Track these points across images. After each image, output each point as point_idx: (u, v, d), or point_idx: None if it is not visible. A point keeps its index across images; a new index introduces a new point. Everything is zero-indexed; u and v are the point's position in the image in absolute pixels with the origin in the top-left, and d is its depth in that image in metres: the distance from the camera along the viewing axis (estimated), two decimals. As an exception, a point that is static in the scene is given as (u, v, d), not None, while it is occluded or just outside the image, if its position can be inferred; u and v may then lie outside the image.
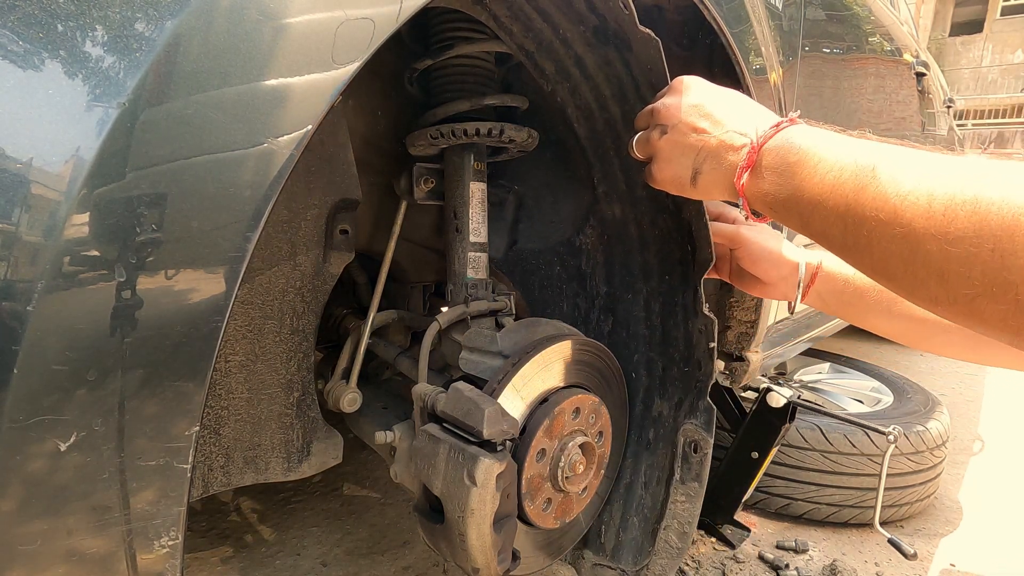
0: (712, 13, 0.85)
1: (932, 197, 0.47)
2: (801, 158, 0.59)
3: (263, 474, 0.90)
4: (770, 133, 0.62)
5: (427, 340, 0.93)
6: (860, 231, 0.53)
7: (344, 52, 0.45)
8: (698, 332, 0.95)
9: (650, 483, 1.04)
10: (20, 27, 0.36)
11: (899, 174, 0.51)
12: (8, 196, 0.35)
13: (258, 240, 0.81)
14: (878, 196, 0.51)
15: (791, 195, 0.60)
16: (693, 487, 0.96)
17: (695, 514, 0.96)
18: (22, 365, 0.35)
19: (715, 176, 0.68)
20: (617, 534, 1.07)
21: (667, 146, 0.72)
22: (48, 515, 0.38)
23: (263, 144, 0.42)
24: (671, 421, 1.00)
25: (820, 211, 0.57)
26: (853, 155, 0.55)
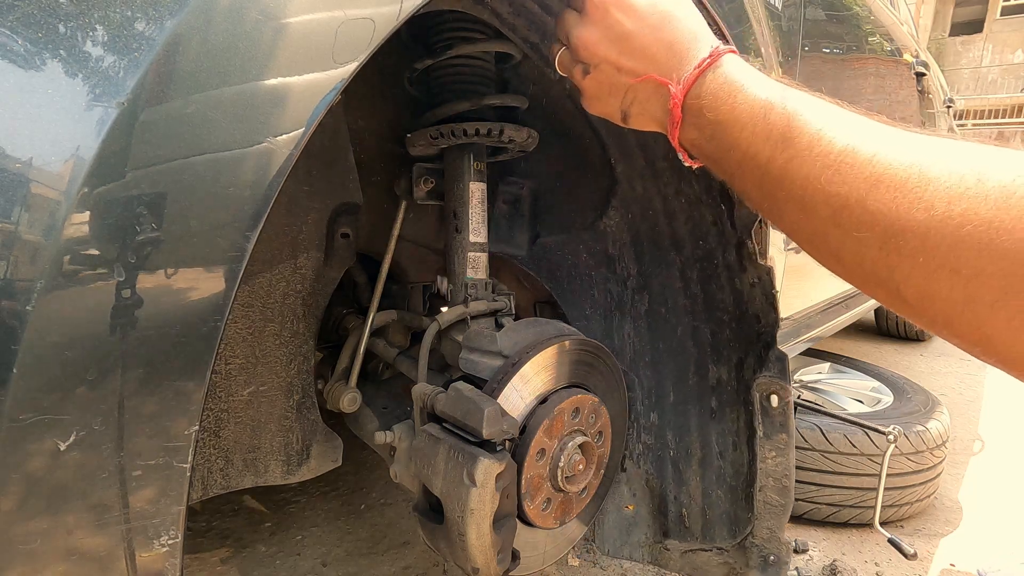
0: (711, 13, 0.85)
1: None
2: (726, 113, 0.55)
3: (262, 477, 0.89)
4: (694, 75, 0.57)
5: (427, 340, 0.93)
6: (776, 196, 0.53)
7: (344, 52, 0.45)
8: (750, 286, 0.91)
9: (726, 451, 1.00)
10: (20, 27, 0.36)
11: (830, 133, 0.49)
12: (8, 195, 0.35)
13: (260, 243, 0.81)
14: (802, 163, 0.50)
15: (719, 147, 0.57)
16: (782, 439, 0.92)
17: (790, 466, 0.92)
18: (22, 364, 0.35)
19: (644, 118, 0.65)
20: (703, 513, 1.03)
21: (592, 85, 0.66)
22: (48, 514, 0.38)
23: (263, 143, 0.42)
24: (735, 383, 0.97)
25: (745, 169, 0.55)
26: (781, 103, 0.53)
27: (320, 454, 0.95)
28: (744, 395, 0.95)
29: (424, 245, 1.22)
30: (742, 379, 0.96)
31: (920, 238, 0.43)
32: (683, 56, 0.59)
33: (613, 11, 0.61)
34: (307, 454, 0.94)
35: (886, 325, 4.01)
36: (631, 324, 1.10)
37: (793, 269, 1.42)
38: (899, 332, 3.96)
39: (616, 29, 0.61)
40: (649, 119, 0.64)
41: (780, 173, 0.51)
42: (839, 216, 0.47)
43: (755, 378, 0.92)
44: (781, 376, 0.90)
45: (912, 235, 0.43)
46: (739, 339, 0.96)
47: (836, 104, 0.53)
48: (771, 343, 0.90)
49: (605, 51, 0.63)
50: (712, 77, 0.57)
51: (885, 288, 0.47)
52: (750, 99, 0.54)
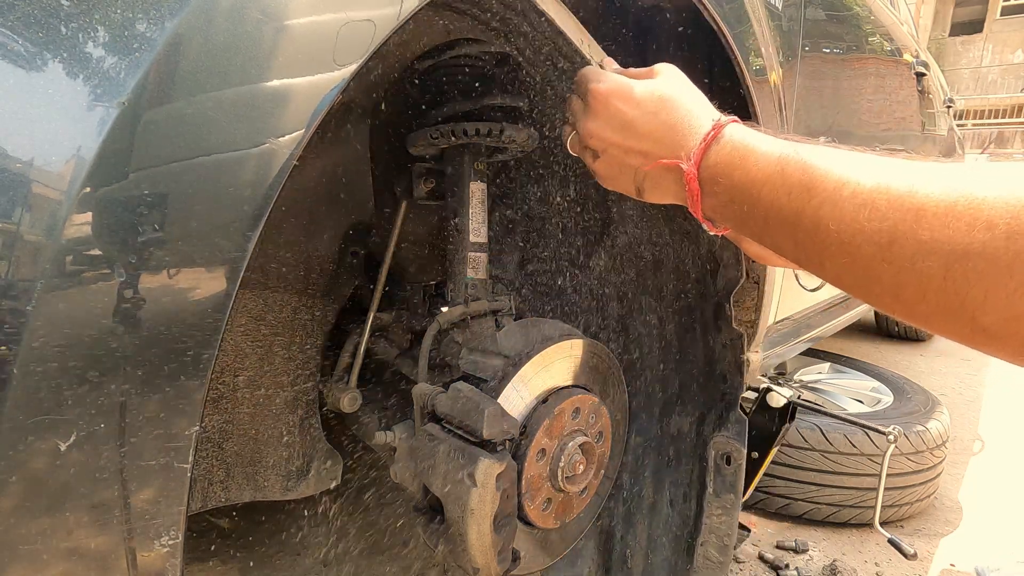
0: (712, 13, 0.85)
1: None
2: (740, 177, 0.57)
3: (261, 492, 0.90)
4: (701, 149, 0.60)
5: (427, 340, 0.93)
6: (812, 245, 0.52)
7: (345, 53, 0.45)
8: (721, 347, 0.95)
9: (676, 501, 1.02)
10: (20, 27, 0.36)
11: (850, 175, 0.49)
12: (8, 195, 0.35)
13: (275, 258, 0.82)
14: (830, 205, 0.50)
15: (740, 211, 0.58)
16: (729, 499, 0.95)
17: (734, 526, 0.95)
18: (22, 364, 0.35)
19: (658, 193, 0.67)
20: (646, 556, 1.05)
21: (604, 168, 0.70)
22: (49, 514, 0.38)
23: (263, 144, 0.42)
24: (693, 436, 0.99)
25: (772, 224, 0.55)
26: (795, 159, 0.54)
27: (320, 471, 0.95)
28: (701, 450, 0.98)
29: (424, 245, 1.22)
30: (701, 434, 0.98)
31: (988, 259, 0.40)
32: (687, 133, 0.61)
33: (614, 102, 0.65)
34: (307, 470, 0.94)
35: (886, 325, 4.01)
36: None
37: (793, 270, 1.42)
38: (899, 332, 3.95)
39: (619, 118, 0.65)
40: (664, 193, 0.67)
41: (812, 222, 0.51)
42: (889, 252, 0.46)
43: (713, 436, 0.95)
44: (738, 438, 0.93)
45: (978, 257, 0.41)
46: (704, 395, 0.99)
47: (849, 150, 0.53)
48: (733, 405, 0.94)
49: (611, 138, 0.66)
50: (720, 147, 0.59)
51: (958, 319, 0.44)
52: (763, 158, 0.55)
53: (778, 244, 0.57)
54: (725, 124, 0.60)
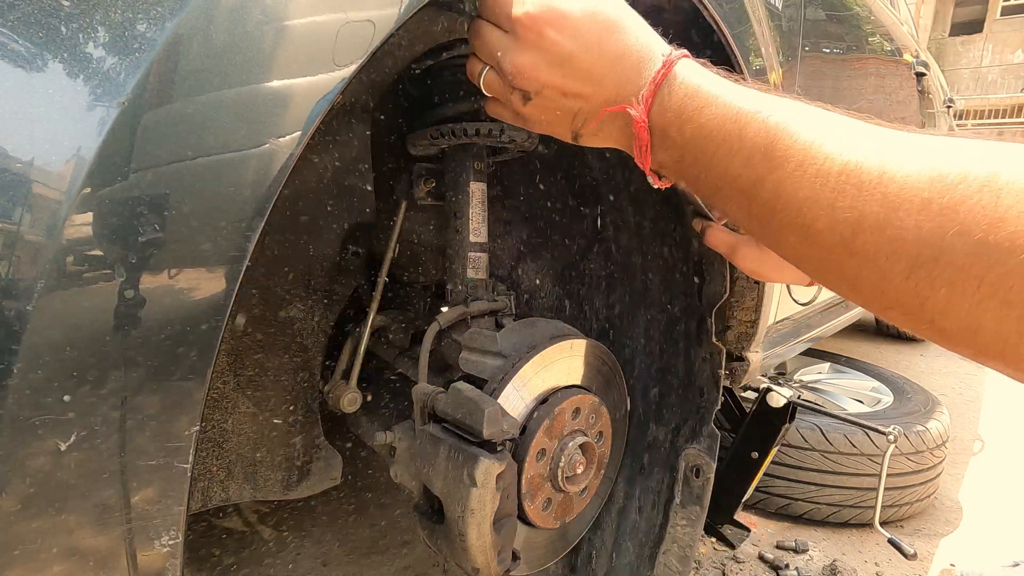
0: (712, 13, 0.85)
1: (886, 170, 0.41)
2: (693, 131, 0.49)
3: (261, 491, 0.90)
4: (650, 91, 0.50)
5: (427, 340, 0.93)
6: (769, 221, 0.46)
7: (344, 54, 0.45)
8: (701, 360, 0.95)
9: (645, 507, 1.03)
10: (20, 26, 0.36)
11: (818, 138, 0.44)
12: (8, 195, 0.35)
13: (278, 257, 0.82)
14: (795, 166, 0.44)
15: (690, 170, 0.51)
16: (694, 511, 0.95)
17: (696, 538, 0.95)
18: (22, 364, 0.35)
19: (599, 138, 0.58)
20: (610, 559, 1.05)
21: (535, 112, 0.58)
22: (49, 514, 0.38)
23: (263, 144, 0.42)
24: (668, 446, 1.00)
25: (725, 190, 0.49)
26: (757, 111, 0.47)
27: (320, 471, 0.95)
28: (673, 460, 0.98)
29: (424, 245, 1.22)
30: (675, 444, 0.99)
31: (957, 267, 0.37)
32: (635, 68, 0.52)
33: (548, 31, 0.52)
34: (307, 470, 0.94)
35: (886, 325, 4.01)
36: None
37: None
38: (899, 332, 3.96)
39: (554, 51, 0.53)
40: (606, 139, 0.58)
41: (771, 196, 0.45)
42: (852, 243, 0.42)
43: (686, 447, 0.96)
44: (708, 452, 0.93)
45: (947, 264, 0.37)
46: (681, 406, 0.99)
47: (823, 108, 0.47)
48: (707, 419, 0.93)
49: (547, 77, 0.54)
50: (671, 90, 0.50)
51: (914, 318, 0.41)
52: (720, 112, 0.48)
53: (730, 212, 0.51)
54: (676, 59, 0.51)
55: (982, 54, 16.74)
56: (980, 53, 16.77)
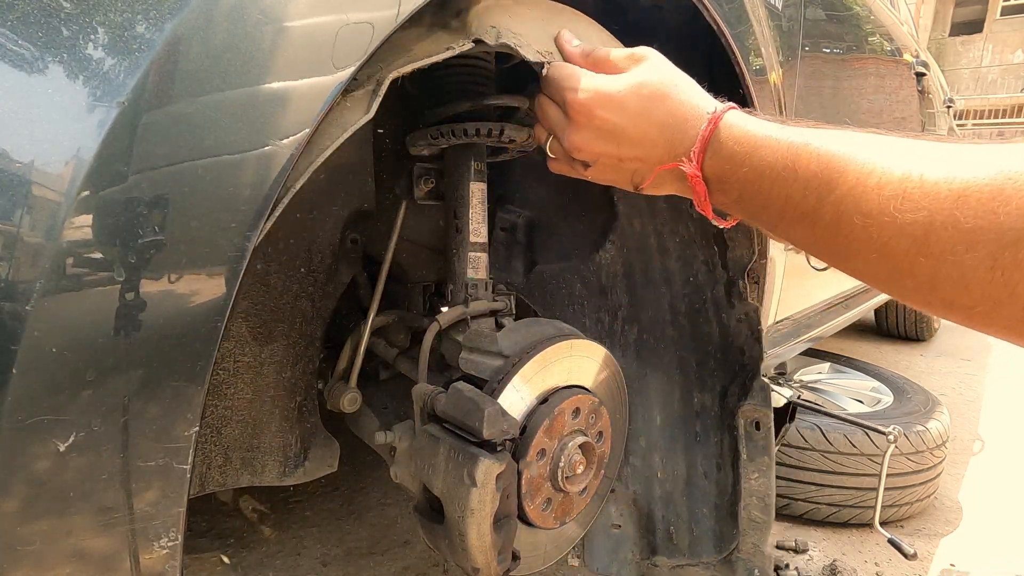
0: (712, 13, 0.85)
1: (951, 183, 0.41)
2: (748, 172, 0.53)
3: (259, 477, 0.90)
4: (700, 146, 0.55)
5: (427, 340, 0.93)
6: (835, 241, 0.48)
7: (343, 55, 0.45)
8: (736, 321, 0.98)
9: (710, 472, 1.06)
10: (19, 27, 0.36)
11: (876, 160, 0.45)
12: (8, 196, 0.35)
13: (278, 244, 0.83)
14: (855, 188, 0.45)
15: (750, 207, 0.55)
16: (764, 461, 0.99)
17: (771, 485, 0.99)
18: (21, 365, 0.35)
19: (661, 189, 0.64)
20: (690, 530, 1.09)
21: (597, 175, 0.67)
22: (48, 515, 0.38)
23: (263, 145, 0.42)
24: (718, 410, 1.04)
25: (787, 220, 0.51)
26: (803, 140, 0.50)
27: (317, 457, 0.95)
28: (728, 421, 1.01)
29: (424, 245, 1.22)
30: (725, 406, 1.02)
31: None
32: (682, 129, 0.57)
33: (597, 112, 0.60)
34: (305, 456, 0.94)
35: (886, 325, 4.02)
36: (620, 352, 1.16)
37: (793, 269, 1.42)
38: (899, 332, 3.96)
39: (605, 128, 0.60)
40: (667, 189, 0.63)
41: (833, 217, 0.47)
42: (925, 245, 0.42)
43: (740, 406, 0.99)
44: (764, 404, 0.96)
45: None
46: (723, 369, 1.02)
47: (867, 133, 0.49)
48: (755, 374, 0.97)
49: (601, 148, 0.62)
50: (720, 142, 0.55)
51: (1005, 310, 0.40)
52: (772, 150, 0.51)
53: (795, 239, 0.53)
54: (722, 114, 0.55)
55: (982, 54, 16.74)
56: (980, 53, 16.77)
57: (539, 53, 0.67)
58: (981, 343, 3.92)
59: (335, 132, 0.49)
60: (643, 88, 0.59)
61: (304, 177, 0.47)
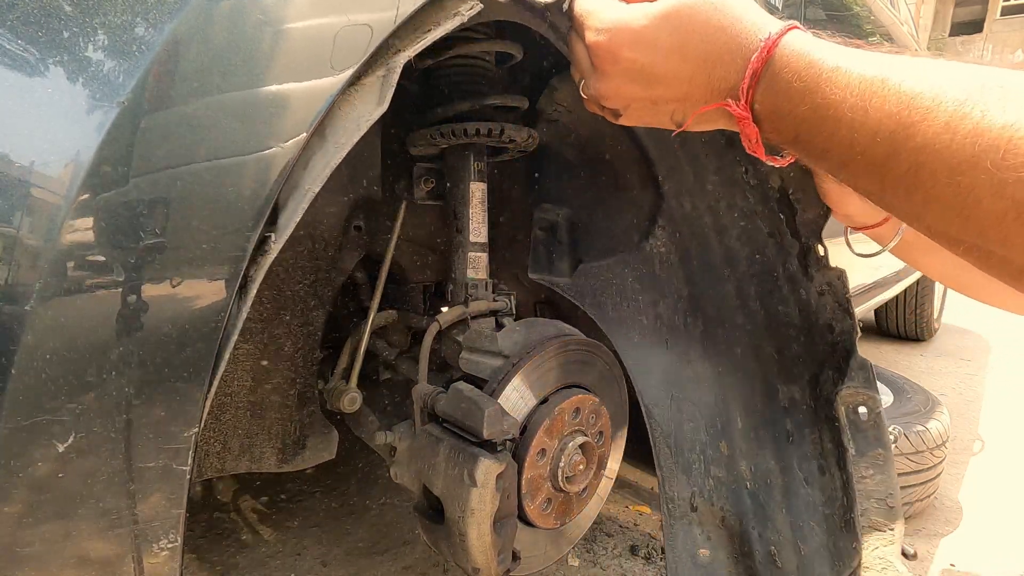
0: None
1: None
2: (808, 112, 0.44)
3: (257, 463, 0.89)
4: (748, 81, 0.47)
5: (427, 340, 0.93)
6: (909, 195, 0.40)
7: (342, 57, 0.45)
8: (818, 295, 0.84)
9: (811, 477, 0.90)
10: (19, 27, 0.36)
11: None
12: (7, 198, 0.35)
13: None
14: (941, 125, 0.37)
15: (808, 150, 0.47)
16: (878, 454, 0.82)
17: (893, 483, 0.82)
18: (20, 366, 0.35)
19: (706, 126, 0.56)
20: (797, 549, 0.92)
21: (630, 120, 0.59)
22: (48, 517, 0.38)
23: (263, 147, 0.42)
24: (810, 402, 0.89)
25: (852, 167, 0.44)
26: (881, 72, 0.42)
27: (315, 445, 0.95)
28: (825, 412, 0.86)
29: (424, 245, 1.22)
30: (819, 396, 0.87)
31: None
32: (727, 63, 0.48)
33: (622, 52, 0.52)
34: (303, 444, 0.94)
35: (886, 325, 4.01)
36: (684, 348, 1.02)
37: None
38: (899, 332, 3.95)
39: (633, 68, 0.52)
40: (712, 125, 0.55)
41: (910, 168, 0.39)
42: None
43: (837, 391, 0.83)
44: (867, 386, 0.81)
45: None
46: (810, 353, 0.88)
47: (968, 64, 0.41)
48: (851, 351, 0.82)
49: (631, 92, 0.54)
50: (778, 72, 0.46)
51: None
52: (839, 86, 0.43)
53: (862, 188, 0.45)
54: (777, 39, 0.46)
55: (982, 54, 16.72)
56: (980, 53, 16.75)
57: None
58: (981, 343, 3.92)
59: (350, 128, 0.47)
60: (676, 16, 0.50)
61: (322, 179, 0.46)
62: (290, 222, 0.44)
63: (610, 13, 0.54)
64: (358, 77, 0.47)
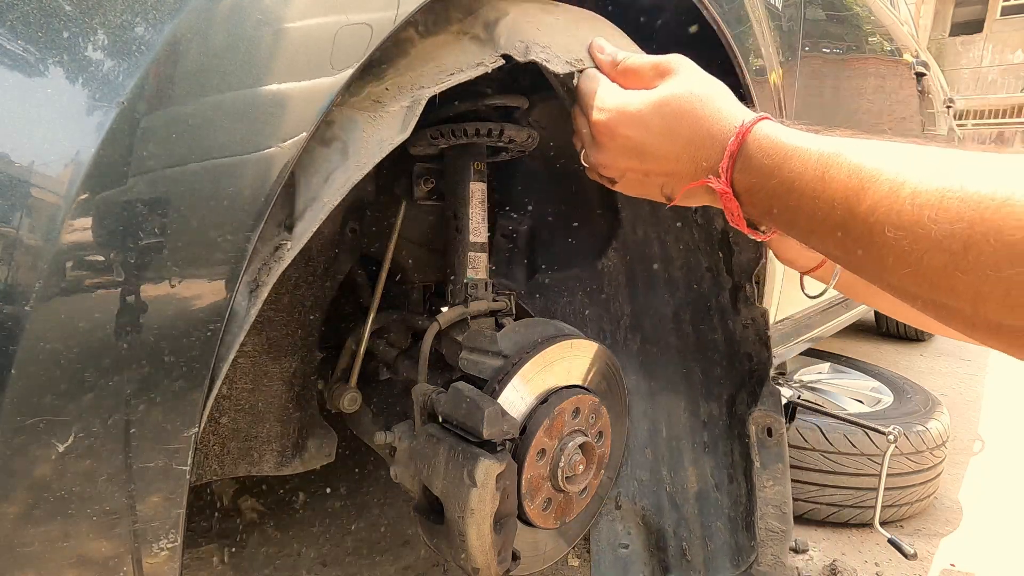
0: (712, 13, 0.85)
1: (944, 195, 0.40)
2: (777, 183, 0.51)
3: (256, 466, 0.90)
4: (727, 163, 0.54)
5: (427, 340, 0.93)
6: (867, 254, 0.46)
7: (342, 57, 0.45)
8: (742, 327, 0.96)
9: (721, 484, 1.03)
10: (19, 27, 0.36)
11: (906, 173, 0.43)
12: (6, 198, 0.35)
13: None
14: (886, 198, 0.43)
15: (781, 220, 0.53)
16: (778, 468, 0.96)
17: (787, 493, 0.96)
18: (20, 366, 0.35)
19: (693, 201, 0.63)
20: (705, 545, 1.04)
21: (626, 189, 0.67)
22: (47, 517, 0.38)
23: (262, 146, 0.42)
24: (726, 418, 1.01)
25: (818, 233, 0.50)
26: (836, 150, 0.48)
27: (315, 447, 0.95)
28: (738, 429, 0.99)
29: (424, 245, 1.22)
30: (734, 414, 0.99)
31: None
32: (709, 144, 0.56)
33: (620, 130, 0.60)
34: (302, 446, 0.94)
35: (886, 325, 4.01)
36: (623, 363, 1.13)
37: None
38: (899, 332, 3.95)
39: (628, 144, 0.60)
40: (698, 200, 0.62)
41: (865, 229, 0.44)
42: (964, 260, 0.38)
43: (750, 412, 0.96)
44: (775, 410, 0.94)
45: None
46: (730, 377, 1.00)
47: (900, 142, 0.47)
48: (763, 379, 0.95)
49: (626, 164, 0.62)
50: (751, 153, 0.53)
51: None
52: (802, 160, 0.49)
53: (829, 251, 0.52)
54: (751, 126, 0.54)
55: (982, 54, 16.72)
56: (980, 53, 16.75)
57: (568, 63, 0.66)
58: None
59: (372, 149, 0.50)
60: (667, 105, 0.58)
61: (342, 193, 0.47)
62: (306, 232, 0.46)
63: (612, 98, 0.62)
64: (386, 92, 0.49)
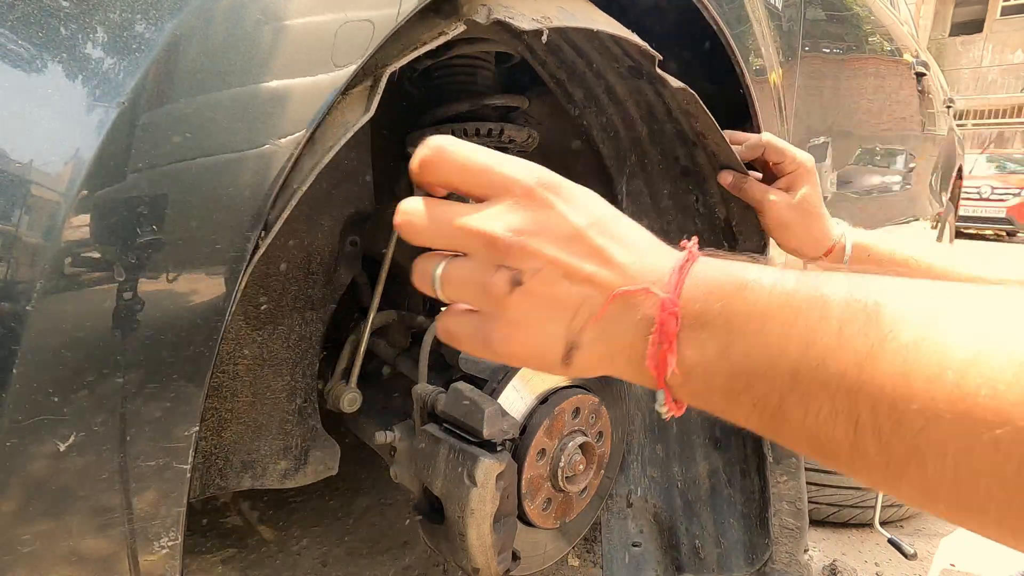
0: (712, 13, 0.85)
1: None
2: (740, 304, 0.36)
3: (259, 479, 0.90)
4: (676, 278, 0.38)
5: (427, 340, 0.93)
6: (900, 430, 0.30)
7: (343, 54, 0.45)
8: None
9: (734, 479, 1.01)
10: (19, 27, 0.36)
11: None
12: (7, 196, 0.35)
13: (277, 246, 0.83)
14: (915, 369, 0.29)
15: (736, 366, 0.36)
16: (791, 463, 0.94)
17: (802, 489, 0.94)
18: (21, 365, 0.35)
19: (601, 346, 0.40)
20: (718, 543, 1.02)
21: (523, 305, 0.40)
22: (47, 516, 0.38)
23: (263, 144, 0.42)
24: None
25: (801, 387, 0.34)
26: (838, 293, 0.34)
27: (318, 459, 0.95)
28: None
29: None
30: None
31: None
32: (652, 255, 0.40)
33: (559, 204, 0.40)
34: (305, 459, 0.94)
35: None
36: None
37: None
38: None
39: (563, 226, 0.40)
40: (608, 348, 0.41)
41: (856, 384, 0.31)
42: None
43: None
44: None
45: None
46: None
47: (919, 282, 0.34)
48: None
49: (551, 252, 0.39)
50: (702, 277, 0.38)
51: None
52: (767, 289, 0.36)
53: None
54: (694, 251, 0.40)
55: (982, 54, 16.74)
56: (980, 53, 16.77)
57: (534, 20, 0.60)
58: (981, 343, 3.91)
59: (338, 132, 0.48)
60: (601, 206, 0.43)
61: (310, 179, 0.46)
62: (278, 220, 0.45)
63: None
64: (352, 84, 0.48)
